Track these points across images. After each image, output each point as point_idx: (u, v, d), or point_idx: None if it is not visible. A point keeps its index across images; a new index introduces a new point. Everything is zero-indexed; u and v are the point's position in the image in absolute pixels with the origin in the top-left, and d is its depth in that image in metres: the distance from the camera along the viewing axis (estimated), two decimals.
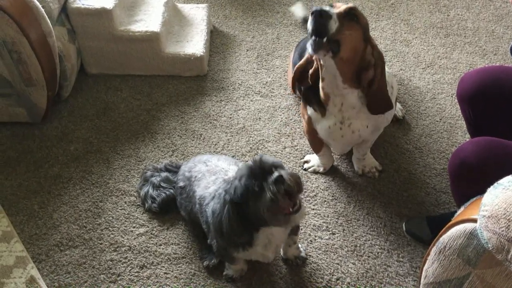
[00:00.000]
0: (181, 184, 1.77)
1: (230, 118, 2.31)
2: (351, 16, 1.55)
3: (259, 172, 1.32)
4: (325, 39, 1.52)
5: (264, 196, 1.29)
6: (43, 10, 2.04)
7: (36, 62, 2.02)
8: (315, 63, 1.69)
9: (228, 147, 2.17)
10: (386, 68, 1.75)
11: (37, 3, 2.01)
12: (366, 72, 1.62)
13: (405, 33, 2.79)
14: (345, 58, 1.57)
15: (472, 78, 1.57)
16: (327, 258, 1.77)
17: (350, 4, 1.57)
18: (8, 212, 1.93)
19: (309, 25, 1.54)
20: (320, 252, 1.79)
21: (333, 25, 1.51)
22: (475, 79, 1.56)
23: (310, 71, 1.72)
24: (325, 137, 1.85)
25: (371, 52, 1.61)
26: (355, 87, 1.65)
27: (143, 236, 1.85)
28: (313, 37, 1.53)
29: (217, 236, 1.50)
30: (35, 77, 2.07)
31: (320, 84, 1.70)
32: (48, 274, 1.75)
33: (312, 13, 1.52)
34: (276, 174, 1.29)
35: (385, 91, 1.69)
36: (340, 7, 1.57)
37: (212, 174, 1.63)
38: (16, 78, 2.07)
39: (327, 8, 1.52)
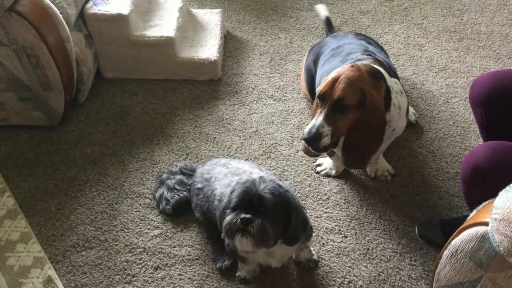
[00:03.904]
0: (198, 185, 1.79)
1: (243, 121, 2.33)
2: (341, 107, 1.59)
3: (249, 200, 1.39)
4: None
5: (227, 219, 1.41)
6: (61, 16, 2.08)
7: (54, 66, 2.06)
8: None
9: (241, 150, 2.19)
10: (395, 86, 1.74)
11: (55, 9, 2.06)
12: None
13: (418, 37, 2.79)
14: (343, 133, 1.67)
15: (484, 82, 1.57)
16: (339, 261, 1.78)
17: (338, 92, 1.58)
18: (26, 214, 1.97)
19: (303, 142, 1.66)
20: (333, 255, 1.80)
21: (326, 139, 1.61)
22: (487, 82, 1.56)
23: None
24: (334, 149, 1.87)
25: (364, 105, 1.62)
26: None
27: (158, 238, 1.87)
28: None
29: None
30: (53, 81, 2.11)
31: None
32: (65, 275, 1.78)
33: (303, 139, 1.62)
34: (248, 216, 1.36)
35: (367, 145, 1.69)
36: (330, 96, 1.60)
37: (235, 175, 1.66)
38: (34, 82, 2.12)
39: (314, 126, 1.59)
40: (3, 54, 2.01)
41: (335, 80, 1.61)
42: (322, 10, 2.75)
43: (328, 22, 2.70)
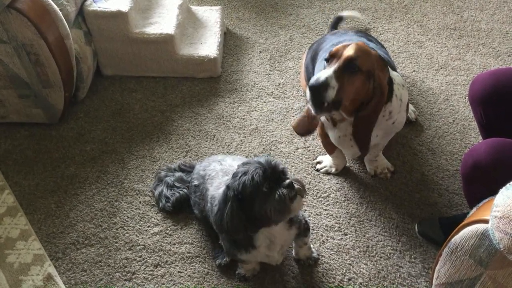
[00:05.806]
0: (195, 182, 1.79)
1: (243, 119, 2.33)
2: (351, 67, 1.51)
3: (271, 174, 1.35)
4: (325, 104, 1.53)
5: (272, 197, 1.34)
6: (60, 13, 2.08)
7: (54, 64, 2.06)
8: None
9: (241, 148, 2.19)
10: (397, 78, 1.73)
11: (55, 6, 2.05)
12: (368, 103, 1.60)
13: (418, 34, 2.78)
14: (348, 105, 1.58)
15: (484, 80, 1.57)
16: (339, 258, 1.78)
17: (351, 51, 1.52)
18: (26, 211, 1.97)
19: (307, 95, 1.53)
20: (332, 252, 1.80)
21: (331, 92, 1.49)
22: (486, 81, 1.56)
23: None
24: (335, 143, 1.86)
25: (373, 86, 1.57)
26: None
27: (157, 235, 1.87)
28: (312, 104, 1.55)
29: (220, 235, 1.53)
30: (53, 78, 2.11)
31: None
32: (65, 272, 1.78)
33: (308, 87, 1.50)
34: (287, 180, 1.35)
35: (369, 129, 1.64)
36: (342, 55, 1.53)
37: (225, 175, 1.64)
38: (34, 79, 2.11)
39: (323, 75, 1.48)
40: (2, 51, 2.00)
41: (347, 45, 1.57)
42: (347, 13, 2.75)
43: (336, 21, 2.68)
